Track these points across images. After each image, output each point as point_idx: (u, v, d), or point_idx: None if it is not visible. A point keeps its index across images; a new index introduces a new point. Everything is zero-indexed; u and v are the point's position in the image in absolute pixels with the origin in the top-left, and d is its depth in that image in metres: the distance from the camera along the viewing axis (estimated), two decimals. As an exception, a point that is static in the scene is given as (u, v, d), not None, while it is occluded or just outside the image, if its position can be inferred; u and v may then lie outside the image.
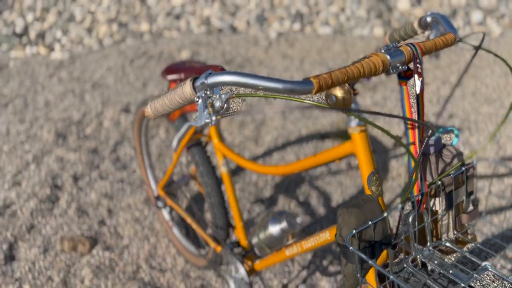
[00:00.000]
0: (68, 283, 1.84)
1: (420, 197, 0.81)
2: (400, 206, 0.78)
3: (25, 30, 5.13)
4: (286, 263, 1.86)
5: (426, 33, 1.02)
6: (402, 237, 0.81)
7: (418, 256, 0.84)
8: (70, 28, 5.09)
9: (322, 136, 2.67)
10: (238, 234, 1.45)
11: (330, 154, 0.96)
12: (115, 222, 2.14)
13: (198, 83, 0.74)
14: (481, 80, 3.12)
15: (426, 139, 0.78)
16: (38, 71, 3.93)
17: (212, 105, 0.73)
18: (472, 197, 0.90)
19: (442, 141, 0.90)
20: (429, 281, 0.78)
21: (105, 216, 2.18)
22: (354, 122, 0.88)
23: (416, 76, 0.79)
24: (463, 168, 0.86)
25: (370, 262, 0.72)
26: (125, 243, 2.02)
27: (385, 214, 0.78)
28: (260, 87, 0.68)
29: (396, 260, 0.85)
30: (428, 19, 0.99)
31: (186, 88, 0.75)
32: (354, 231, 0.74)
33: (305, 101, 0.67)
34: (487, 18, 4.42)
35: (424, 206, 0.83)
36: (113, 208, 2.23)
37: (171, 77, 1.34)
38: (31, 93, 3.50)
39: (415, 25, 1.03)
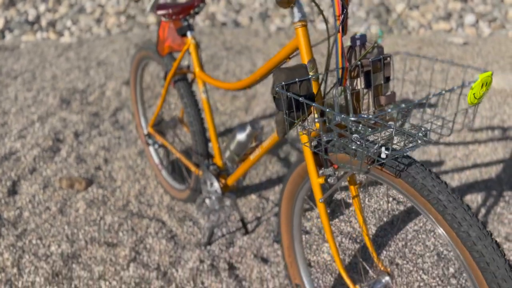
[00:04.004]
0: (64, 212, 2.09)
1: (342, 71, 1.06)
2: (323, 73, 1.02)
3: (37, 19, 5.48)
4: (261, 201, 2.09)
5: None
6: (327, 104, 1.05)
7: (338, 119, 1.07)
8: (80, 18, 5.43)
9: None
10: (214, 153, 1.69)
11: (280, 56, 1.21)
12: (110, 168, 2.40)
13: None
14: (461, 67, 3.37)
15: (343, 16, 1.02)
16: (47, 52, 4.24)
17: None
18: (389, 83, 1.14)
19: (367, 38, 1.15)
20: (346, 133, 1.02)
21: (102, 164, 2.43)
22: (297, 17, 1.13)
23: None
24: (381, 56, 1.11)
25: (301, 99, 0.96)
26: (118, 184, 2.27)
27: (310, 76, 1.02)
28: None
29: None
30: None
31: None
32: (283, 83, 0.99)
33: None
34: (480, 21, 4.69)
35: (346, 81, 1.08)
36: (109, 158, 2.48)
37: (160, 12, 1.61)
38: (39, 69, 3.80)
39: None
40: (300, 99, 0.93)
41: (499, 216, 1.95)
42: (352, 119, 0.88)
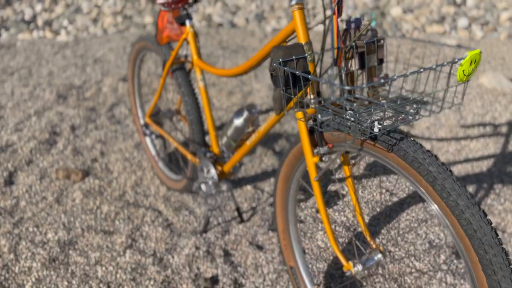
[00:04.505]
0: (60, 201, 2.11)
1: (337, 51, 1.10)
2: (319, 53, 1.06)
3: (33, 18, 5.50)
4: (256, 192, 2.12)
5: None
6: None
7: (332, 98, 1.11)
8: (77, 18, 5.46)
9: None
10: (211, 141, 1.73)
11: (277, 39, 1.25)
12: (106, 160, 2.42)
13: None
14: (454, 67, 3.43)
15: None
16: (43, 49, 4.26)
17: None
18: (383, 65, 1.18)
19: (362, 22, 1.19)
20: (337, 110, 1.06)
21: (98, 156, 2.46)
22: (294, 0, 1.17)
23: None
24: (375, 39, 1.15)
25: (297, 73, 1.00)
26: (114, 176, 2.30)
27: (306, 54, 1.06)
28: None
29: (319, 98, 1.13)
30: None
31: None
32: (280, 60, 1.03)
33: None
34: (472, 25, 4.77)
35: (341, 62, 1.12)
36: (105, 151, 2.51)
37: (160, 1, 1.65)
38: (35, 66, 3.83)
39: None
40: (297, 72, 0.97)
41: (489, 207, 1.99)
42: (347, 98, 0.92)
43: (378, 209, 1.96)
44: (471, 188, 2.11)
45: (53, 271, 1.71)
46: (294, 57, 1.05)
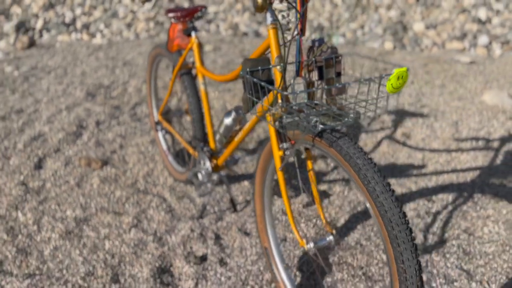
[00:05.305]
0: (80, 185, 2.44)
1: (298, 65, 1.36)
2: (282, 64, 1.33)
3: (73, 21, 5.97)
4: (251, 187, 2.39)
5: None
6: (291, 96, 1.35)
7: (294, 103, 1.36)
8: (113, 22, 5.89)
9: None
10: (208, 138, 2.01)
11: (256, 53, 1.52)
12: (124, 152, 2.74)
13: None
14: (462, 84, 3.60)
15: (302, 19, 1.32)
16: (79, 51, 4.68)
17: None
18: (341, 77, 1.43)
19: (325, 41, 1.45)
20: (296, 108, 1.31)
21: (117, 148, 2.78)
22: (269, 21, 1.43)
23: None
24: (333, 56, 1.41)
25: (255, 80, 1.27)
26: (129, 166, 2.61)
27: (270, 66, 1.33)
28: None
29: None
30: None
31: None
32: (248, 69, 1.29)
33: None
34: (493, 42, 4.90)
35: (302, 73, 1.38)
36: (124, 144, 2.83)
37: (171, 15, 1.95)
38: (71, 66, 4.23)
39: None
40: (254, 80, 1.24)
41: (464, 213, 2.19)
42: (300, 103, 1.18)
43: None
44: (450, 196, 2.31)
45: (68, 241, 2.02)
46: (260, 68, 1.32)
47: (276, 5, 1.42)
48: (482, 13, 5.45)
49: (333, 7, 6.12)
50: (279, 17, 1.42)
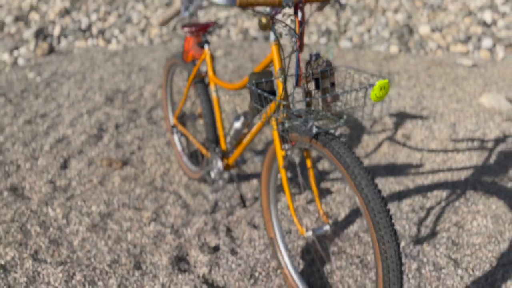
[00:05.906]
0: (103, 184, 2.69)
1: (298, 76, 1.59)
2: (283, 76, 1.56)
3: (89, 27, 6.26)
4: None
5: None
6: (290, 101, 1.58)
7: (294, 109, 1.59)
8: (127, 28, 6.17)
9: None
10: (220, 140, 2.25)
11: (261, 65, 1.75)
12: (142, 153, 2.99)
13: None
14: (461, 86, 3.80)
15: (301, 37, 1.55)
16: (96, 57, 4.95)
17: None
18: (334, 87, 1.66)
19: (321, 54, 1.67)
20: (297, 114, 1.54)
21: (135, 150, 3.03)
22: (272, 38, 1.66)
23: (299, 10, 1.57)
24: (328, 68, 1.63)
25: (259, 91, 1.50)
26: (147, 166, 2.86)
27: (273, 78, 1.56)
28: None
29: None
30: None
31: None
32: (253, 81, 1.53)
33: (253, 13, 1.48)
34: (497, 45, 5.08)
35: (301, 83, 1.61)
36: (142, 146, 3.08)
37: (186, 29, 2.20)
38: (89, 71, 4.50)
39: None
40: (259, 91, 1.47)
41: (456, 208, 2.40)
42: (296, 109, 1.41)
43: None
44: (444, 193, 2.52)
45: (95, 233, 2.27)
46: (263, 80, 1.55)
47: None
48: (488, 16, 5.62)
49: (341, 11, 6.33)
50: (288, 21, 1.65)
